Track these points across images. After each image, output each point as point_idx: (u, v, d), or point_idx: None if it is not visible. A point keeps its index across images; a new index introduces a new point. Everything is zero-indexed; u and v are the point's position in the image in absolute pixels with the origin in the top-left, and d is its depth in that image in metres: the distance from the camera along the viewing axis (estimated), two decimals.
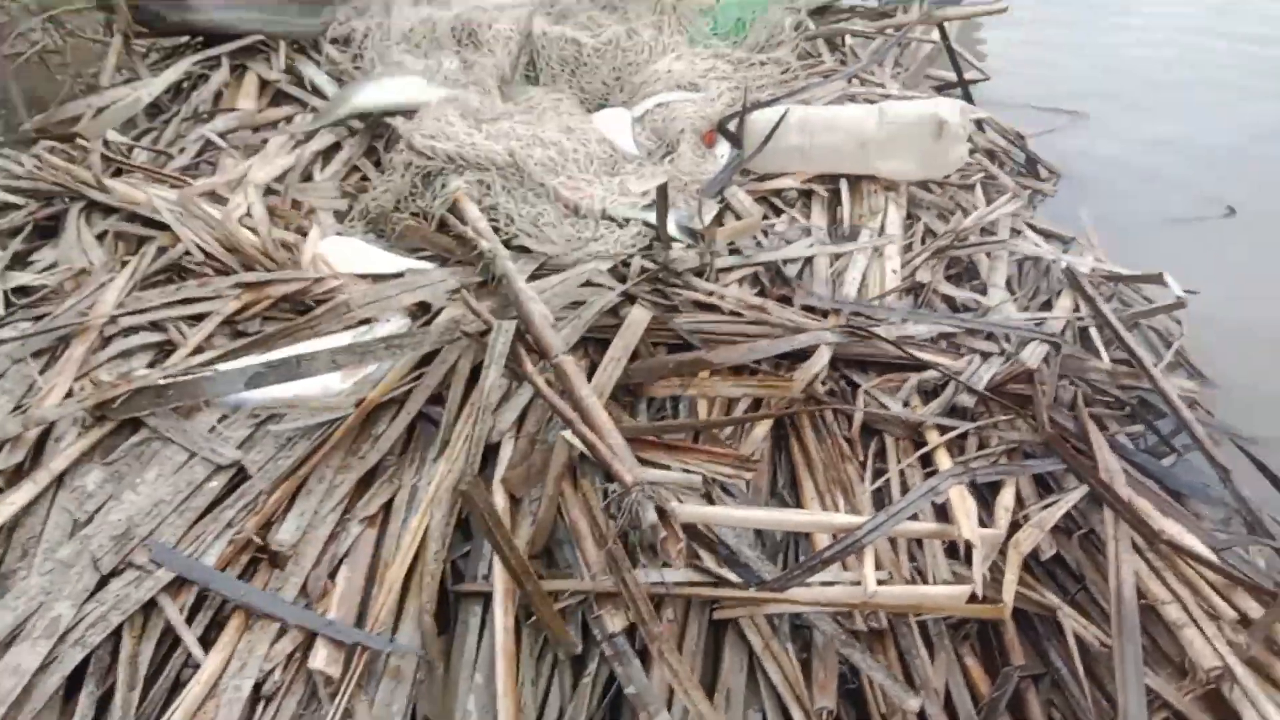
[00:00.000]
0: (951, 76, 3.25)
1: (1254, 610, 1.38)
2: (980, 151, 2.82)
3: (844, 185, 2.44)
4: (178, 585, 1.40)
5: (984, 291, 2.11)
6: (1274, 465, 1.89)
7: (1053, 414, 1.72)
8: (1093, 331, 2.04)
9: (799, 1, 3.36)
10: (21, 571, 1.42)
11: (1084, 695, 1.35)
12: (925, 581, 1.43)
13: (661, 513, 1.26)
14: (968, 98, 3.20)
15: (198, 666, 1.31)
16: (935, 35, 3.23)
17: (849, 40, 3.31)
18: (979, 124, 3.03)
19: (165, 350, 1.83)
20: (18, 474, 1.56)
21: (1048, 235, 2.56)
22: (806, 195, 2.46)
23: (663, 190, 1.95)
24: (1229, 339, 2.28)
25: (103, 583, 1.39)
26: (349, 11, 3.39)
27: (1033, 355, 1.84)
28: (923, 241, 2.28)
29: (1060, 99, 3.57)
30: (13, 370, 1.76)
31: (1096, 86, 3.77)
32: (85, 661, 1.30)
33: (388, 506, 1.56)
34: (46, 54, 4.01)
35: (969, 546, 1.42)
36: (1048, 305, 2.15)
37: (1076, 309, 2.10)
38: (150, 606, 1.38)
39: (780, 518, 1.41)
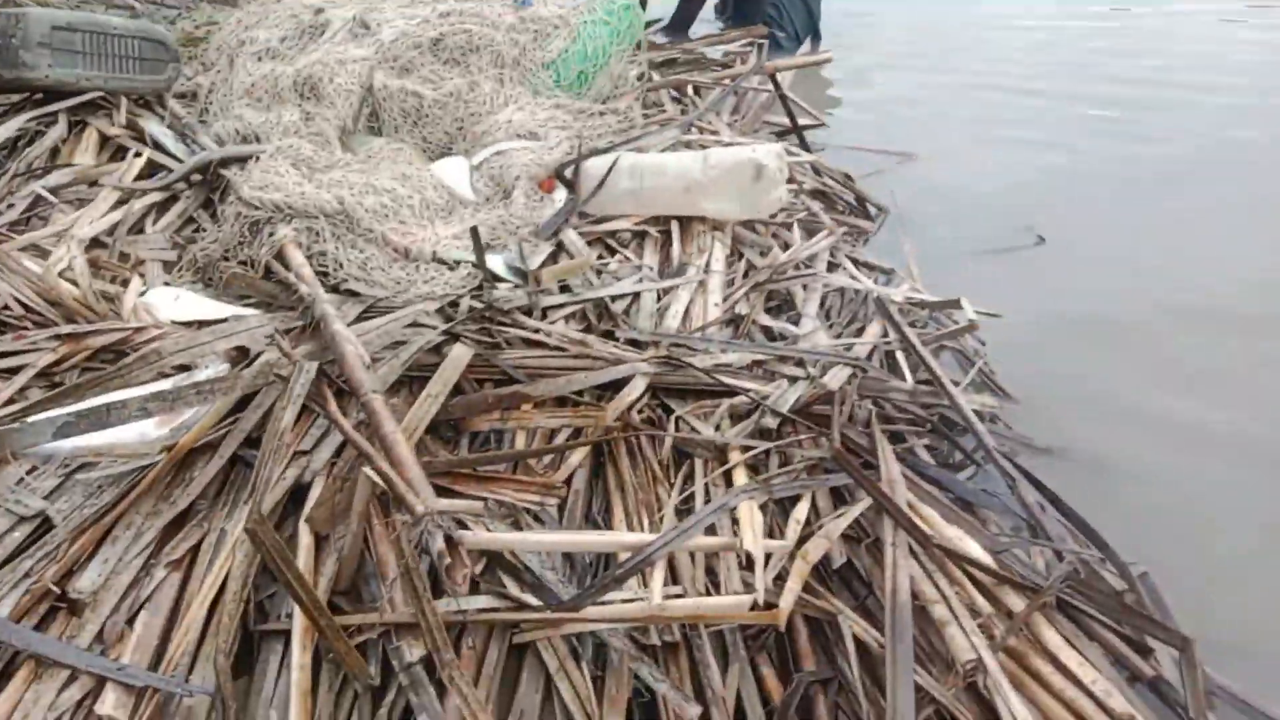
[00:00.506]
0: (789, 122, 3.42)
1: (1022, 608, 1.49)
2: (808, 192, 2.98)
3: (674, 226, 2.55)
4: None
5: (798, 321, 2.23)
6: (1067, 474, 2.06)
7: (848, 431, 1.83)
8: (899, 355, 2.18)
9: (642, 55, 3.51)
10: None
11: (864, 695, 1.43)
12: (718, 592, 1.50)
13: (449, 540, 1.30)
14: (802, 142, 3.37)
15: None
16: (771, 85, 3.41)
17: (690, 90, 3.46)
18: (813, 167, 3.20)
19: None
20: None
21: (870, 268, 2.72)
22: (640, 236, 2.57)
23: (474, 231, 2.02)
24: (1033, 360, 2.45)
25: None
26: (196, 68, 3.41)
27: (835, 378, 1.95)
28: (744, 276, 2.40)
29: (895, 142, 3.79)
30: None
31: (929, 130, 4.01)
32: None
33: (195, 550, 1.56)
34: None
35: (764, 558, 1.50)
36: (861, 332, 2.28)
37: (885, 334, 2.23)
38: None
39: (571, 539, 1.47)
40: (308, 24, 3.23)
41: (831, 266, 2.54)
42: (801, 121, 3.48)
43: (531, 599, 1.45)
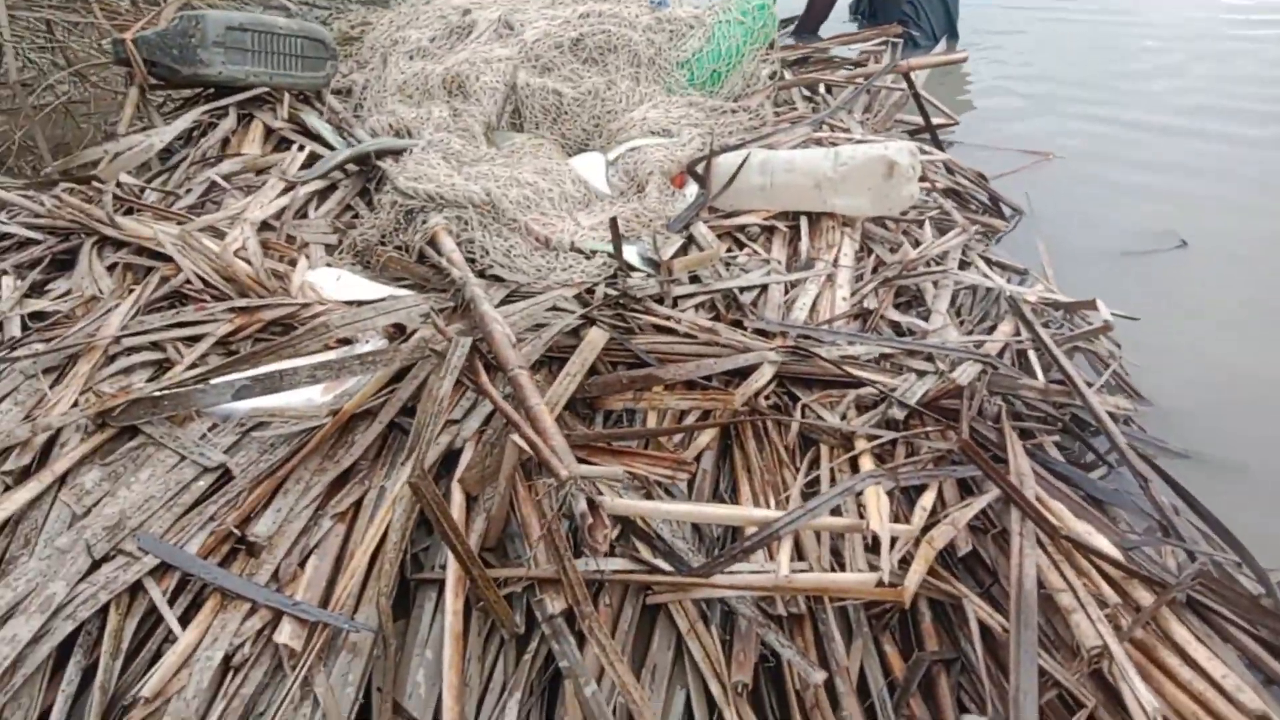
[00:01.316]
0: (921, 121, 3.42)
1: (1149, 601, 1.49)
2: (942, 191, 2.99)
3: (803, 221, 2.60)
4: (162, 571, 1.54)
5: (928, 318, 2.26)
6: (1202, 479, 2.03)
7: (977, 425, 1.85)
8: (1031, 354, 2.18)
9: (775, 54, 3.57)
10: (23, 557, 1.56)
11: (986, 677, 1.46)
12: (842, 570, 1.56)
13: (591, 503, 1.40)
14: (935, 140, 3.37)
15: (176, 640, 1.44)
16: (904, 83, 3.42)
17: (822, 89, 3.50)
18: (946, 166, 3.20)
19: (164, 367, 2.00)
20: (25, 475, 1.72)
21: (1002, 267, 2.71)
22: (769, 231, 2.63)
23: (614, 223, 2.12)
24: (1171, 363, 2.40)
25: (95, 567, 1.53)
26: (351, 65, 3.63)
27: (964, 373, 1.97)
28: (874, 271, 2.43)
29: (1031, 141, 3.73)
30: (25, 385, 1.93)
31: (1067, 129, 3.93)
32: (74, 634, 1.44)
33: (358, 505, 1.70)
34: (72, 104, 4.28)
35: (890, 540, 1.55)
36: (993, 330, 2.29)
37: (1017, 333, 2.24)
38: (136, 588, 1.52)
39: (702, 511, 1.55)
40: (455, 24, 3.40)
41: (963, 265, 2.55)
42: (935, 120, 3.48)
43: (663, 564, 1.54)
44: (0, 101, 4.53)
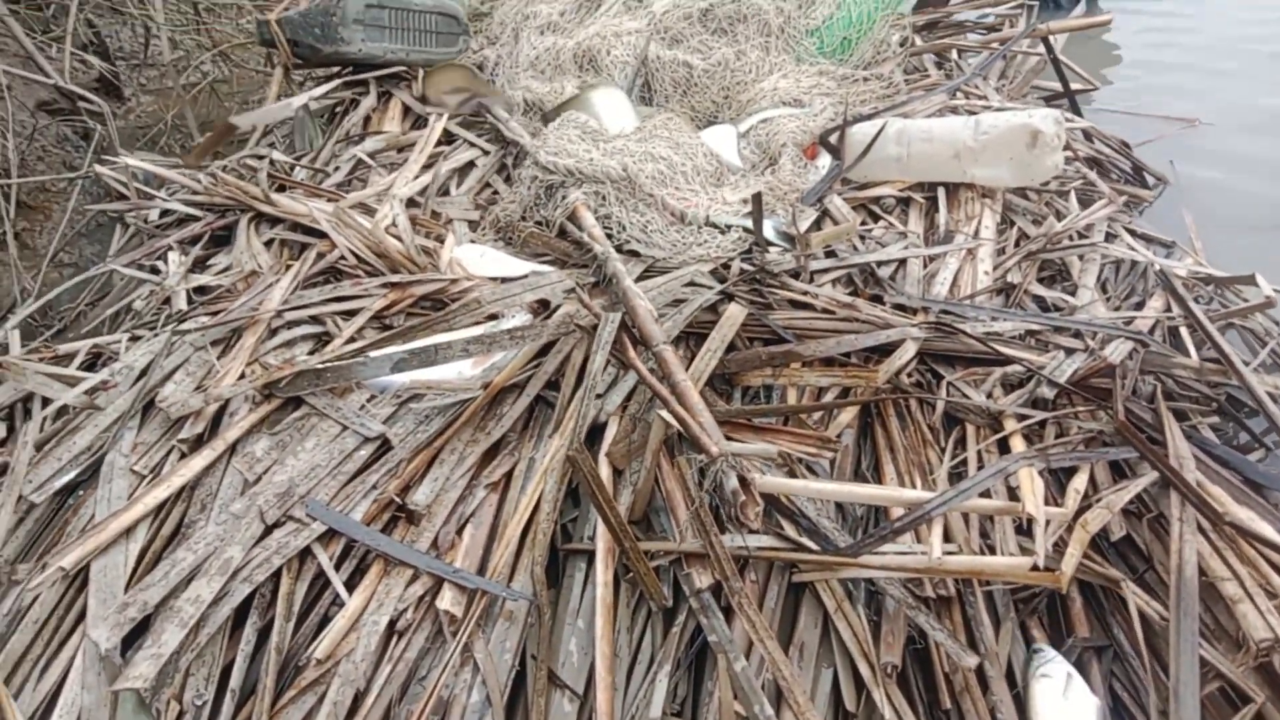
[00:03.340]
0: (1059, 87, 3.29)
1: None
2: (1083, 160, 2.88)
3: (941, 193, 2.55)
4: (329, 536, 1.64)
5: (1074, 292, 2.19)
6: None
7: (1131, 406, 1.80)
8: (1183, 331, 2.09)
9: (906, 19, 3.47)
10: (200, 522, 1.68)
11: (1143, 667, 1.43)
12: (993, 554, 1.55)
13: (742, 481, 1.42)
14: (1074, 107, 3.24)
15: (343, 605, 1.53)
16: (1042, 48, 3.29)
17: (955, 55, 3.40)
18: (1085, 133, 3.08)
19: (323, 340, 2.10)
20: (199, 443, 1.84)
21: (1148, 239, 2.61)
22: (904, 203, 2.58)
23: (757, 198, 2.12)
24: None
25: (267, 532, 1.63)
26: (482, 40, 3.70)
27: (1116, 351, 1.92)
28: (1016, 245, 2.37)
29: (1174, 105, 3.55)
30: (195, 357, 2.05)
31: (1214, 95, 3.73)
32: (251, 597, 1.54)
33: (509, 475, 1.77)
34: (216, 84, 4.49)
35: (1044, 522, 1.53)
36: (1141, 306, 2.21)
37: (1168, 309, 2.16)
38: (305, 553, 1.61)
39: (851, 490, 1.55)
40: None
41: (1108, 238, 2.46)
42: (1074, 86, 3.34)
43: (809, 543, 1.55)
44: (149, 82, 4.79)
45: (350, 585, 1.59)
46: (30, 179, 3.21)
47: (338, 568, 1.61)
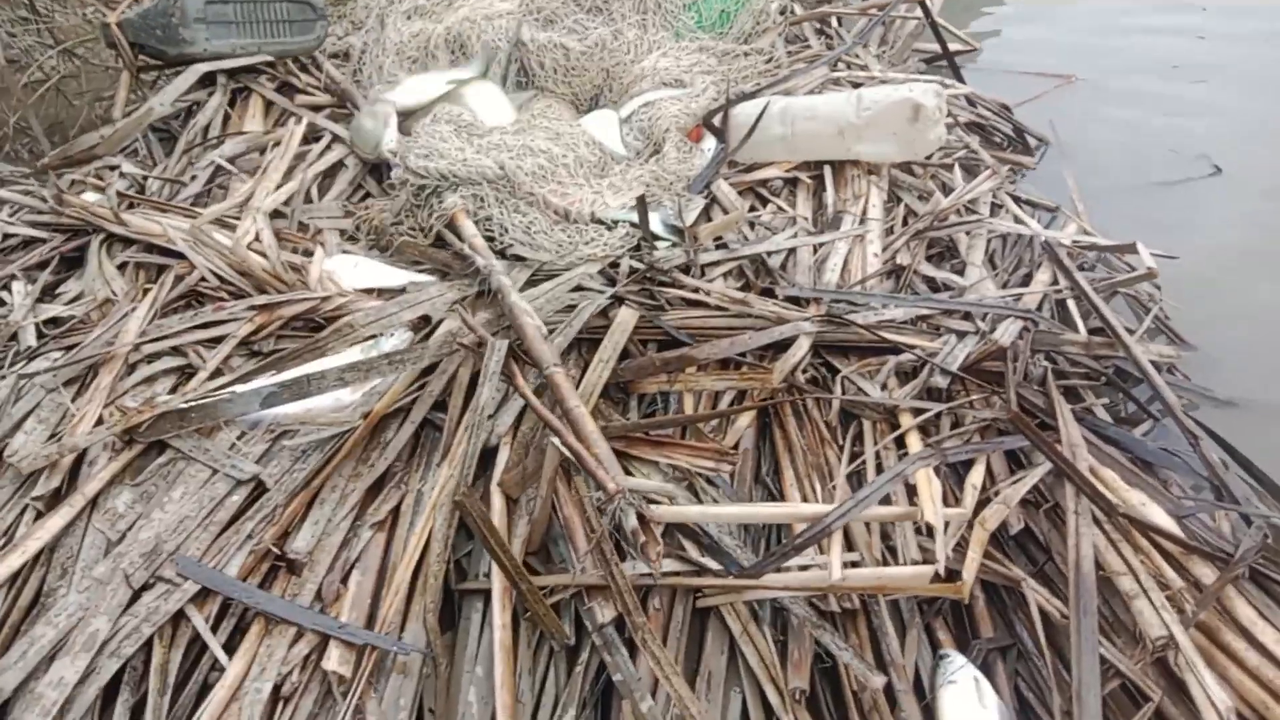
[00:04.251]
0: (939, 49, 3.29)
1: (1210, 578, 1.45)
2: (964, 126, 2.88)
3: (827, 172, 2.51)
4: (203, 596, 1.52)
5: (963, 270, 2.19)
6: (1252, 426, 1.98)
7: (1024, 391, 1.80)
8: (1070, 304, 2.11)
9: None
10: (61, 589, 1.54)
11: (1046, 666, 1.44)
12: (896, 560, 1.53)
13: (641, 518, 1.37)
14: (954, 70, 3.24)
15: (223, 671, 1.43)
16: (919, 11, 3.28)
17: (835, 22, 3.36)
18: (967, 99, 3.08)
19: (186, 373, 1.95)
20: (55, 499, 1.70)
21: (1033, 205, 2.63)
22: (792, 183, 2.54)
23: (641, 200, 2.05)
24: (1212, 301, 2.33)
25: (135, 597, 1.51)
26: (346, 26, 3.51)
27: (1006, 332, 1.91)
28: (904, 223, 2.35)
29: (1049, 64, 3.59)
30: (46, 400, 1.89)
31: (1086, 47, 3.78)
32: (120, 672, 1.42)
33: (396, 511, 1.68)
34: (62, 80, 4.16)
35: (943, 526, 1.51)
36: (1029, 279, 2.22)
37: (1055, 281, 2.17)
38: (179, 617, 1.50)
39: (752, 512, 1.51)
40: None
41: (994, 208, 2.46)
42: (953, 48, 3.35)
43: (711, 564, 1.51)
44: None
45: (230, 647, 1.48)
46: None
47: (215, 629, 1.50)
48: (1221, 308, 2.33)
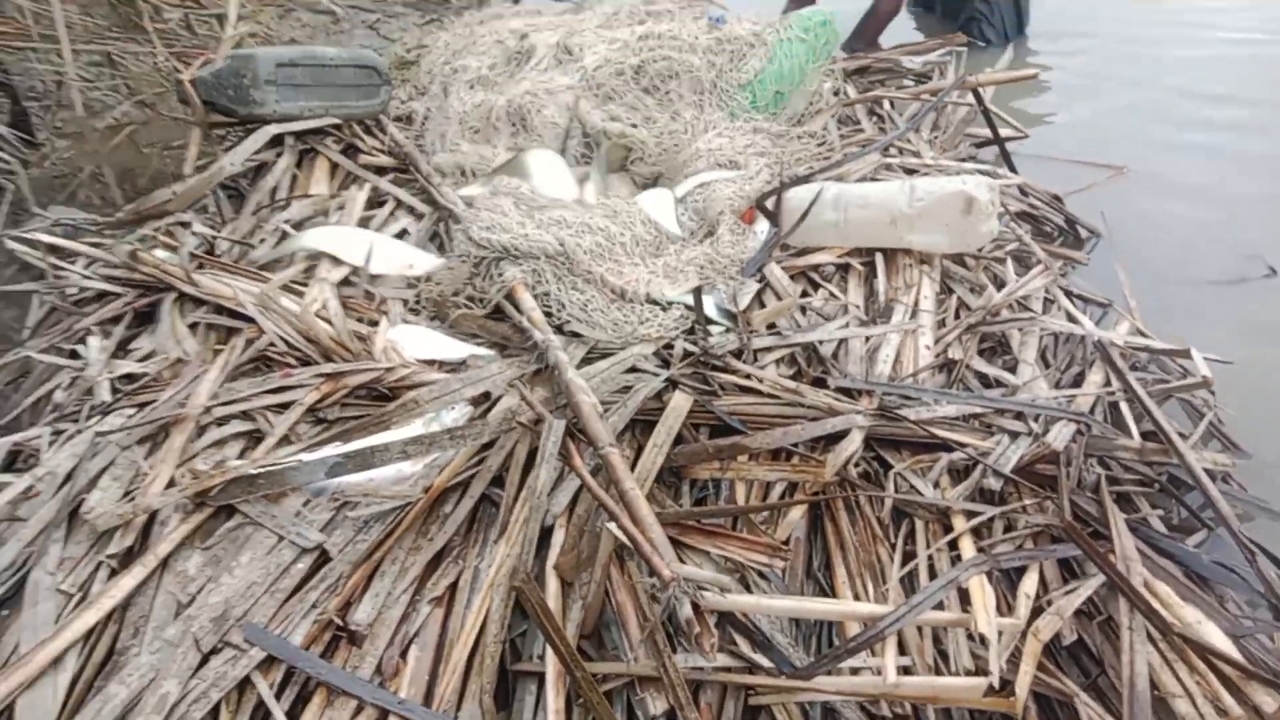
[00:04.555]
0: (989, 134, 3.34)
1: (1270, 705, 1.45)
2: (1016, 216, 2.92)
3: (879, 259, 2.56)
4: (268, 663, 1.57)
5: (1015, 367, 2.21)
6: None
7: (1076, 498, 1.82)
8: (1124, 406, 2.12)
9: (837, 63, 3.49)
10: (134, 649, 1.59)
11: None
12: (948, 667, 1.54)
13: (696, 608, 1.39)
14: (1005, 157, 3.29)
15: None
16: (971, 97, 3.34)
17: (887, 105, 3.43)
18: (1019, 188, 3.12)
19: (254, 438, 2.02)
20: (128, 557, 1.76)
21: (1085, 300, 2.65)
22: (843, 269, 2.59)
23: (697, 293, 2.10)
24: (1268, 407, 2.33)
25: (203, 661, 1.56)
26: (410, 90, 3.62)
27: (1059, 436, 1.93)
28: (956, 316, 2.39)
29: (1100, 151, 3.62)
30: (121, 457, 1.96)
31: (1143, 142, 3.80)
32: None
33: (454, 587, 1.71)
34: (134, 127, 4.32)
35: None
36: (1081, 377, 2.24)
37: (1108, 383, 2.19)
38: (244, 683, 1.54)
39: (807, 607, 1.53)
40: (514, 50, 3.37)
41: (1046, 304, 2.49)
42: (1004, 132, 3.40)
43: (763, 660, 1.53)
44: (64, 124, 4.59)
45: (292, 715, 1.52)
46: None
47: (279, 696, 1.54)
48: (1276, 416, 2.32)
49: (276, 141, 3.14)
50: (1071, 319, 2.39)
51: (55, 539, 1.78)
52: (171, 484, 1.86)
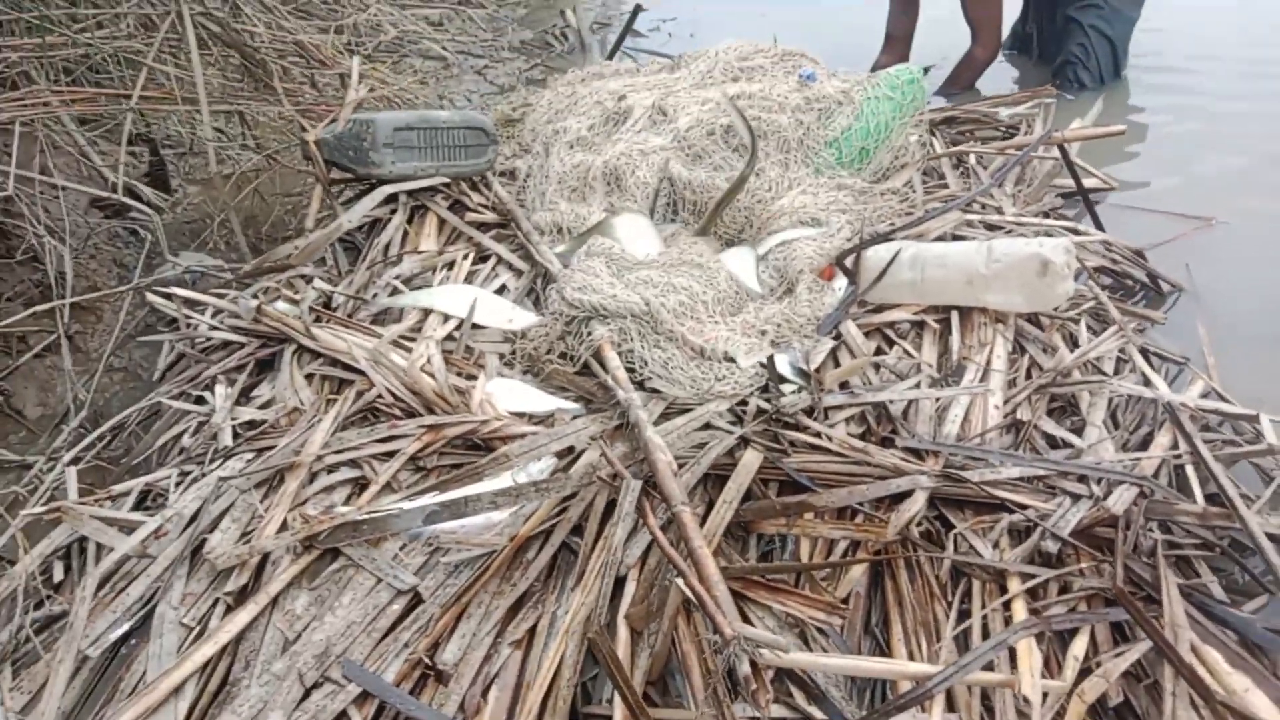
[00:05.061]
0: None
1: None
2: (1097, 272, 2.94)
3: (954, 317, 2.62)
4: (363, 698, 1.74)
5: (1082, 429, 2.26)
6: None
7: (1131, 562, 1.86)
8: (1189, 469, 2.15)
9: (923, 117, 3.56)
10: (245, 681, 1.79)
11: None
12: None
13: (754, 665, 1.51)
14: (1090, 208, 3.30)
15: None
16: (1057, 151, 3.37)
17: (973, 159, 3.48)
18: (1105, 244, 3.13)
19: (359, 484, 2.22)
20: (243, 594, 1.97)
21: (1161, 358, 2.66)
22: (919, 326, 2.66)
23: (771, 361, 2.22)
24: None
25: (306, 694, 1.74)
26: (515, 147, 3.84)
27: (1120, 499, 1.98)
28: (1028, 376, 2.44)
29: (1188, 205, 3.59)
30: (240, 500, 2.18)
31: (1236, 191, 3.75)
32: None
33: (532, 631, 1.87)
34: (258, 174, 4.67)
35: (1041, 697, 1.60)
36: (1149, 439, 2.26)
37: (1175, 445, 2.21)
38: (341, 716, 1.72)
39: (858, 665, 1.62)
40: (611, 111, 3.56)
41: (1119, 363, 2.52)
42: (1092, 184, 3.41)
43: (818, 713, 1.63)
44: (194, 170, 4.99)
45: None
46: (83, 296, 3.37)
47: None
48: None
49: (390, 199, 3.40)
50: (1145, 379, 2.42)
51: (179, 575, 2.00)
52: (284, 527, 2.07)
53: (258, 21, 4.87)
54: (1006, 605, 1.83)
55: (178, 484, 2.31)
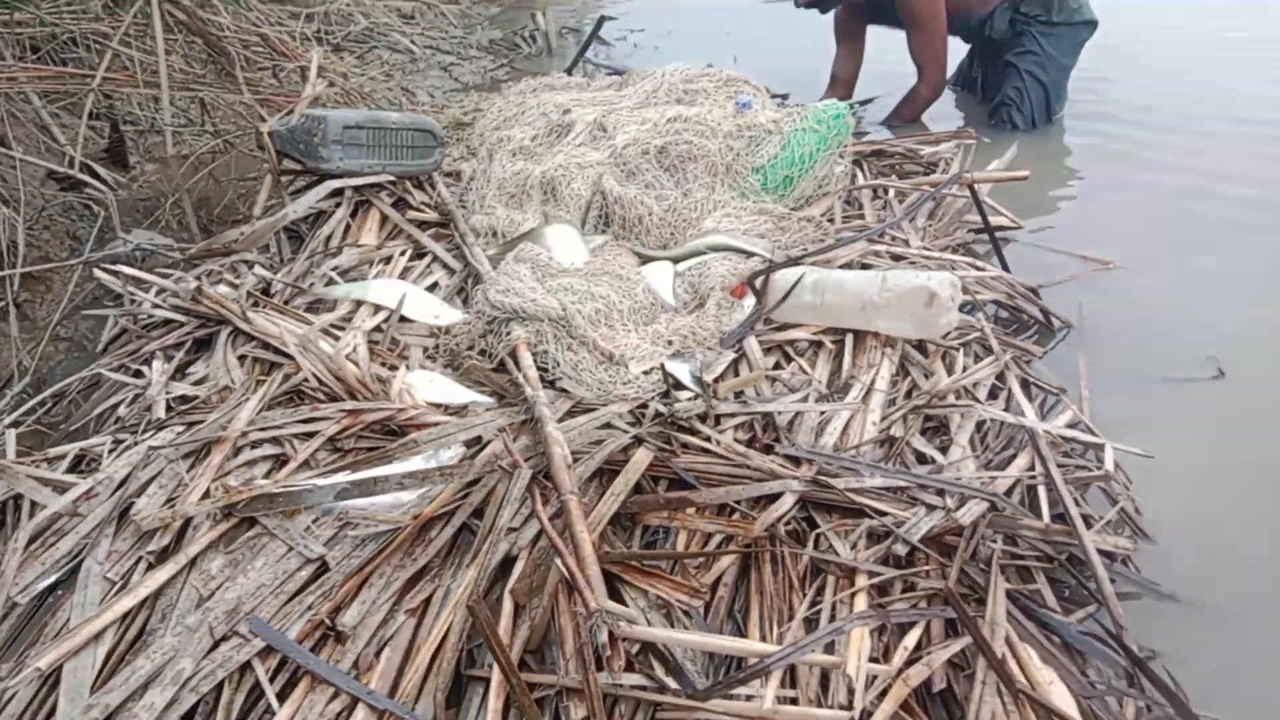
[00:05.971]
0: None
1: None
2: (995, 305, 3.18)
3: (849, 339, 2.85)
4: (267, 652, 1.91)
5: (949, 447, 2.48)
6: (1193, 620, 2.21)
7: (969, 568, 2.08)
8: (1041, 490, 2.38)
9: (850, 146, 3.79)
10: (160, 631, 1.94)
11: None
12: (826, 701, 1.82)
13: (612, 636, 1.70)
14: (995, 245, 3.55)
15: (274, 714, 1.80)
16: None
17: (891, 194, 3.72)
18: (1003, 280, 3.37)
19: (280, 460, 2.38)
20: (164, 555, 2.12)
21: (1039, 387, 2.90)
22: (817, 345, 2.88)
23: (664, 369, 2.42)
24: (1185, 499, 2.54)
25: (214, 645, 1.90)
26: (463, 149, 4.02)
27: (969, 512, 2.20)
28: (907, 396, 2.66)
29: (1094, 245, 3.85)
30: (168, 469, 2.34)
31: (1138, 233, 4.03)
32: (195, 706, 1.81)
33: (427, 601, 2.04)
34: (213, 159, 4.80)
35: (870, 678, 1.81)
36: (1012, 459, 2.49)
37: (1032, 467, 2.44)
38: (246, 666, 1.88)
39: (707, 641, 1.82)
40: (555, 123, 3.75)
41: (995, 390, 2.75)
42: (1000, 222, 3.66)
43: (673, 683, 1.82)
44: (153, 149, 5.10)
45: (281, 696, 1.85)
46: (35, 268, 3.50)
47: (272, 680, 1.87)
48: (1191, 510, 2.50)
49: (336, 192, 3.57)
50: (1012, 406, 2.65)
51: (106, 534, 2.16)
52: (207, 495, 2.23)
53: (224, 10, 5.01)
54: (854, 598, 2.04)
55: (111, 450, 2.46)
